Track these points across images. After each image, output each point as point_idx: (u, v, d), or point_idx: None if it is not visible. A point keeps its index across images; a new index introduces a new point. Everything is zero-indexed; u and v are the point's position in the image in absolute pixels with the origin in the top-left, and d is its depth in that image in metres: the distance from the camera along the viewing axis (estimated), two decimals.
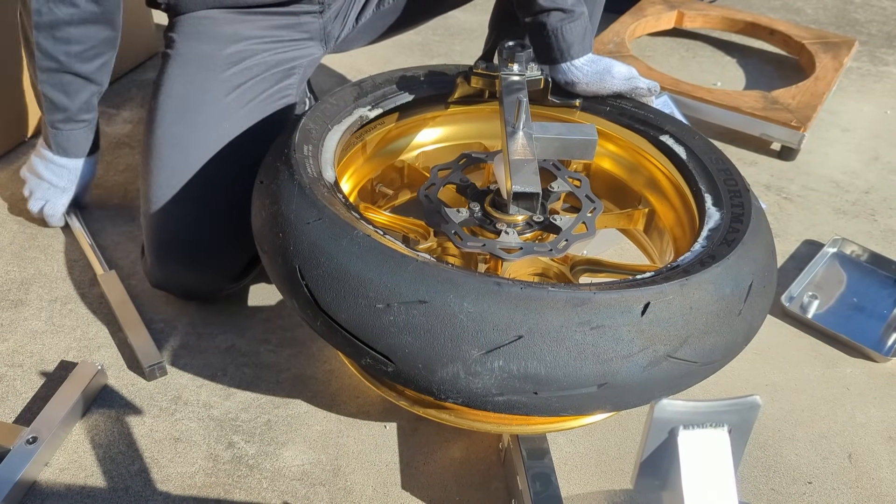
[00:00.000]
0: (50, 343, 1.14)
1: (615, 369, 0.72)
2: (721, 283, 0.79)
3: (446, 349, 0.72)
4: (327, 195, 0.85)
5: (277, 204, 0.85)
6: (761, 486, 1.00)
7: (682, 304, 0.75)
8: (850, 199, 1.56)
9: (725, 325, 0.78)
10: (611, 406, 0.75)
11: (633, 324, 0.73)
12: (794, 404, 1.12)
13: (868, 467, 1.04)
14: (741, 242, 0.84)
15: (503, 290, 0.73)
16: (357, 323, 0.75)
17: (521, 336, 0.71)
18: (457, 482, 0.99)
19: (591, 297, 0.73)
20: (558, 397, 0.72)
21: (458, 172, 1.06)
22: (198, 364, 1.12)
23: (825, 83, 1.75)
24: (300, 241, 0.80)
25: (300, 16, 1.25)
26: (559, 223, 0.97)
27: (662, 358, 0.73)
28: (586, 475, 1.01)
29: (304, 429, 1.04)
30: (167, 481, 0.97)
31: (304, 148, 0.93)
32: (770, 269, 0.88)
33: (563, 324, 0.72)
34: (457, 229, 0.95)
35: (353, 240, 0.78)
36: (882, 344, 1.22)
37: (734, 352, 0.80)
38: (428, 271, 0.74)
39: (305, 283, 0.78)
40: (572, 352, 0.72)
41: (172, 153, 1.13)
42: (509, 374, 0.71)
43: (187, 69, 1.18)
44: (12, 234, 1.34)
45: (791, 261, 1.39)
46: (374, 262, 0.76)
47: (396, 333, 0.73)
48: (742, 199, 0.94)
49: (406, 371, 0.74)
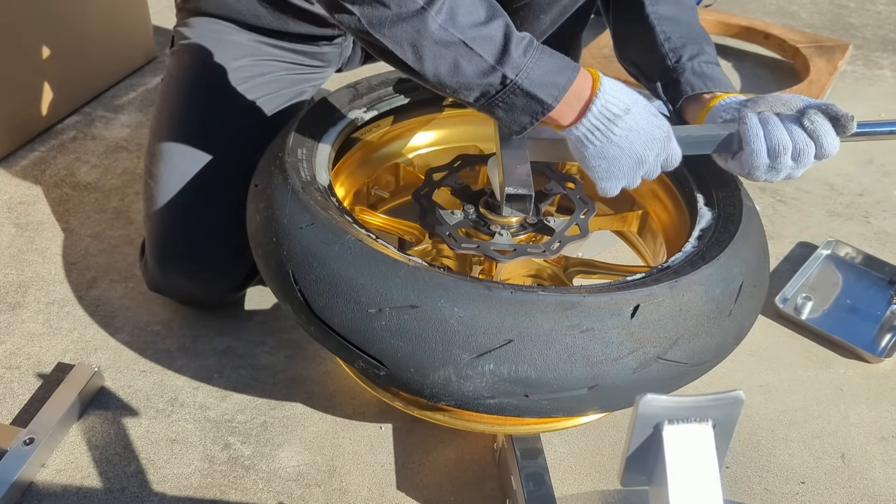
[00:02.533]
0: (47, 345, 1.15)
1: (605, 371, 0.72)
2: (711, 284, 0.79)
3: (437, 353, 0.72)
4: (320, 199, 0.86)
5: (271, 208, 0.86)
6: (755, 486, 1.01)
7: (672, 306, 0.76)
8: (844, 201, 1.57)
9: (716, 327, 0.78)
10: (601, 407, 0.76)
11: (623, 326, 0.74)
12: (788, 405, 1.12)
13: (861, 467, 1.04)
14: (731, 243, 0.85)
15: (493, 294, 0.73)
16: (350, 328, 0.76)
17: (512, 340, 0.72)
18: (452, 482, 0.99)
19: (580, 301, 0.74)
20: (549, 399, 0.72)
21: (453, 175, 1.07)
22: (194, 366, 1.13)
23: (819, 87, 1.76)
24: (293, 246, 0.81)
25: (321, 46, 1.25)
26: (552, 225, 0.98)
27: (652, 360, 0.74)
28: (580, 475, 1.01)
29: (300, 430, 1.05)
30: (163, 482, 0.97)
31: (297, 151, 0.93)
32: (762, 269, 0.89)
33: (552, 327, 0.73)
34: (451, 231, 0.95)
35: (345, 245, 0.78)
36: (875, 345, 1.22)
37: (725, 352, 0.81)
38: (419, 276, 0.75)
39: (299, 287, 0.79)
40: (562, 355, 0.72)
41: (183, 160, 1.12)
42: (500, 378, 0.72)
43: (203, 75, 1.17)
44: (10, 237, 1.34)
45: (785, 262, 1.39)
46: (365, 267, 0.76)
47: (388, 338, 0.74)
48: (734, 200, 0.94)
49: (398, 375, 0.75)
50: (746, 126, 0.87)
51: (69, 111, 1.68)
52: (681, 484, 0.54)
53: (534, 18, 1.28)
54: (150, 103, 1.73)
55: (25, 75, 1.53)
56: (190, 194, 1.11)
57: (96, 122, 1.66)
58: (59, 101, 1.64)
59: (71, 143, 1.59)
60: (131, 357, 1.14)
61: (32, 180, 1.48)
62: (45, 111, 1.60)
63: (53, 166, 1.52)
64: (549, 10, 1.26)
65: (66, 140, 1.60)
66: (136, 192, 1.46)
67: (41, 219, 1.39)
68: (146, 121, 1.67)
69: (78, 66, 1.67)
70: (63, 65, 1.61)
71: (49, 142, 1.59)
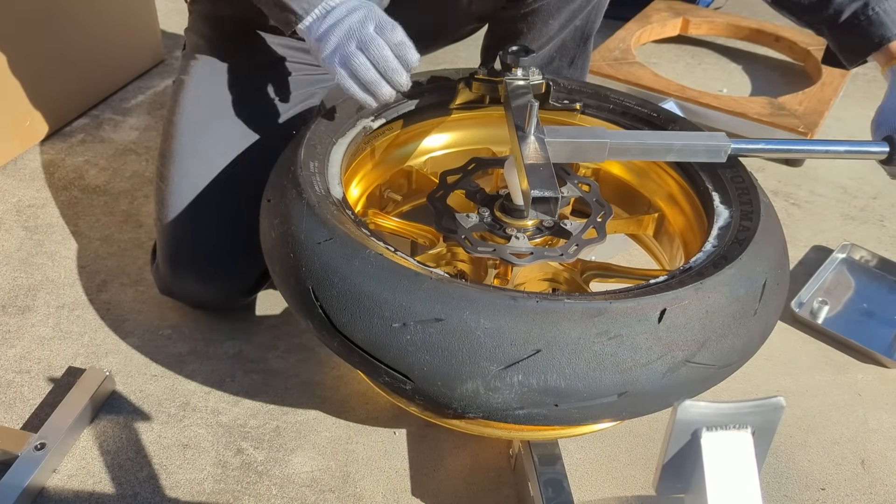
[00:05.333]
0: (58, 349, 1.14)
1: (635, 378, 0.72)
2: (735, 284, 0.78)
3: (465, 366, 0.71)
4: (336, 213, 0.85)
5: (287, 224, 0.85)
6: (774, 493, 0.99)
7: (699, 309, 0.75)
8: (858, 204, 1.56)
9: (742, 327, 0.77)
10: (631, 414, 0.75)
11: (651, 331, 0.73)
12: (806, 410, 1.11)
13: (881, 473, 1.03)
14: (752, 242, 0.84)
15: (519, 304, 0.73)
16: (374, 343, 0.75)
17: (540, 350, 0.71)
18: (467, 488, 0.98)
19: (607, 307, 0.73)
20: (579, 408, 0.71)
21: (468, 178, 1.06)
22: (206, 370, 1.12)
23: (832, 89, 1.75)
24: (312, 262, 0.80)
25: None
26: (569, 228, 0.97)
27: (681, 364, 0.73)
28: (597, 481, 1.00)
29: (313, 435, 1.04)
30: (176, 488, 0.96)
31: (310, 164, 0.92)
32: (783, 265, 0.88)
33: (580, 335, 0.72)
34: (466, 234, 0.94)
35: (365, 259, 0.77)
36: (893, 349, 1.21)
37: (751, 353, 0.80)
38: (442, 289, 0.74)
39: (320, 304, 0.78)
40: (591, 363, 0.71)
41: (195, 163, 1.11)
42: (529, 388, 0.71)
43: (215, 77, 1.16)
44: (19, 241, 1.34)
45: (800, 266, 1.38)
46: (387, 282, 0.75)
47: (414, 352, 0.73)
48: (750, 196, 0.93)
49: (425, 389, 0.74)
50: None
51: (78, 114, 1.67)
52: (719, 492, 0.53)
53: (542, 24, 1.27)
54: (159, 106, 1.73)
55: (34, 78, 1.52)
56: (201, 197, 1.10)
57: (105, 124, 1.66)
58: (67, 103, 1.63)
59: (80, 146, 1.58)
60: (142, 361, 1.13)
61: (41, 183, 1.48)
62: (53, 114, 1.59)
63: (62, 169, 1.51)
64: (557, 14, 1.25)
65: (74, 143, 1.59)
66: (146, 196, 1.45)
67: (50, 222, 1.38)
68: (155, 124, 1.66)
69: (86, 68, 1.66)
70: (71, 68, 1.61)
71: (58, 145, 1.58)
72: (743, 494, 0.53)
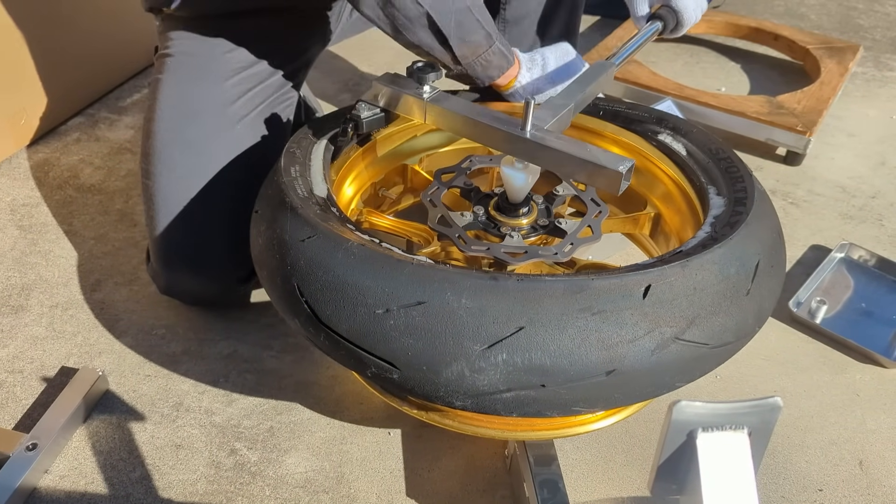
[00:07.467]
0: (51, 349, 1.13)
1: (622, 354, 0.71)
2: (725, 262, 0.78)
3: (448, 347, 0.71)
4: (320, 211, 0.86)
5: (272, 228, 0.86)
6: (771, 494, 0.99)
7: (685, 285, 0.74)
8: (856, 203, 1.55)
9: (734, 306, 0.76)
10: (623, 396, 0.73)
11: (636, 307, 0.72)
12: (804, 410, 1.10)
13: (879, 474, 1.02)
14: (744, 223, 0.83)
15: (500, 283, 0.73)
16: (358, 331, 0.75)
17: (522, 327, 0.71)
18: (462, 489, 0.97)
19: (589, 283, 0.72)
20: (567, 389, 0.70)
21: (462, 176, 1.05)
22: (199, 370, 1.11)
23: (831, 88, 1.74)
24: (297, 260, 0.80)
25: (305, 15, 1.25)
26: (564, 227, 0.96)
27: (670, 340, 0.72)
28: (593, 482, 0.99)
29: (307, 435, 1.03)
30: (169, 488, 0.96)
31: (290, 170, 0.93)
32: (777, 248, 0.87)
33: (563, 311, 0.71)
34: (461, 233, 0.94)
35: (348, 250, 0.77)
36: (891, 349, 1.20)
37: (746, 334, 0.79)
38: (424, 273, 0.74)
39: (305, 299, 0.78)
40: (576, 339, 0.71)
41: (182, 156, 1.12)
42: (514, 367, 0.71)
43: (190, 70, 1.17)
44: (13, 240, 1.33)
45: (798, 266, 1.37)
46: (370, 270, 0.76)
47: (398, 337, 0.73)
48: (745, 184, 0.93)
49: (411, 375, 0.73)
50: None
51: (73, 112, 1.66)
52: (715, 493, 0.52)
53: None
54: None
55: (29, 76, 1.52)
56: (187, 189, 1.11)
57: (100, 123, 1.65)
58: (62, 102, 1.62)
59: (75, 145, 1.58)
60: (136, 361, 1.12)
61: (36, 182, 1.47)
62: (48, 112, 1.59)
63: (57, 168, 1.51)
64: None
65: (69, 142, 1.59)
66: (140, 195, 1.44)
67: (44, 221, 1.38)
68: None
69: (82, 67, 1.66)
70: (67, 66, 1.60)
71: (53, 143, 1.58)
72: (739, 496, 0.52)
